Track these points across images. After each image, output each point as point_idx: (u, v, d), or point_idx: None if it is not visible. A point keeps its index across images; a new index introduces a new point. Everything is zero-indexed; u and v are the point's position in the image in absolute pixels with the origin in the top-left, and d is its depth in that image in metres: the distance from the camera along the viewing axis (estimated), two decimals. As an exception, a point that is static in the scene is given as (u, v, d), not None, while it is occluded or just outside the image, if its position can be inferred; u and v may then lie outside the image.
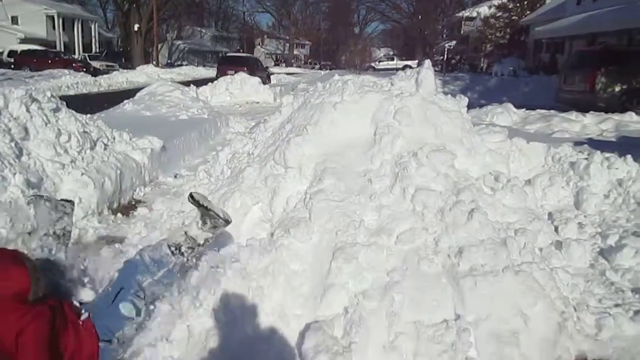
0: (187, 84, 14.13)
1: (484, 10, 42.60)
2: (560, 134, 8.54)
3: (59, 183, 4.78)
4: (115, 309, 2.67)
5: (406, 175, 3.57)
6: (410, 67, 5.97)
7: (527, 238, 3.44)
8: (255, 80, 18.85)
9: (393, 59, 58.56)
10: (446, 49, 46.95)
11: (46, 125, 5.09)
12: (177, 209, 4.80)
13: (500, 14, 37.99)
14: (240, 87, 18.11)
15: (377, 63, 55.32)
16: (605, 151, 4.86)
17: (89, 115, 6.27)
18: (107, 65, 35.33)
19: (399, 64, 48.77)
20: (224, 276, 3.17)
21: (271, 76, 27.98)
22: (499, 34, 38.24)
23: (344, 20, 77.67)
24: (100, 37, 52.77)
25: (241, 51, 56.52)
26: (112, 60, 38.81)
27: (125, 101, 10.83)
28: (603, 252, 3.81)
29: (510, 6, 37.20)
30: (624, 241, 3.77)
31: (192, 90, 12.61)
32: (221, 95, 17.55)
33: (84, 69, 29.71)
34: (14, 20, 43.79)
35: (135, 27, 39.87)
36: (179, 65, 43.69)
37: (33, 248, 2.98)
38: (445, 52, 45.08)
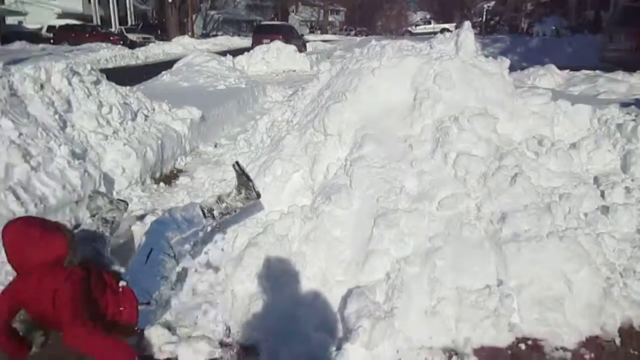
0: (223, 54, 14.15)
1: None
2: (606, 95, 8.20)
3: (102, 153, 4.91)
4: (149, 269, 2.76)
5: (447, 140, 3.53)
6: (449, 31, 5.81)
7: (572, 203, 3.36)
8: (291, 48, 18.76)
9: (430, 23, 57.17)
10: (485, 10, 45.62)
11: (88, 97, 5.21)
12: (219, 177, 4.89)
13: (542, -30, 36.69)
14: (276, 56, 18.08)
15: (414, 27, 54.27)
16: (655, 112, 4.66)
17: (128, 87, 6.36)
18: (143, 38, 35.58)
19: (436, 27, 47.18)
20: (266, 243, 3.22)
21: (307, 44, 27.72)
22: (540, -8, 36.99)
23: (379, -17, 76.04)
24: (135, 10, 53.01)
25: (275, 19, 56.01)
26: (148, 33, 39.05)
27: (163, 72, 10.95)
28: (651, 217, 3.68)
29: (553, -38, 35.85)
30: (674, 205, 3.64)
31: (229, 60, 12.69)
32: (258, 64, 17.59)
33: (121, 42, 30.03)
34: (51, -5, 44.40)
35: (169, -1, 39.94)
36: (214, 36, 43.54)
37: (81, 217, 3.18)
38: (484, 14, 43.83)
